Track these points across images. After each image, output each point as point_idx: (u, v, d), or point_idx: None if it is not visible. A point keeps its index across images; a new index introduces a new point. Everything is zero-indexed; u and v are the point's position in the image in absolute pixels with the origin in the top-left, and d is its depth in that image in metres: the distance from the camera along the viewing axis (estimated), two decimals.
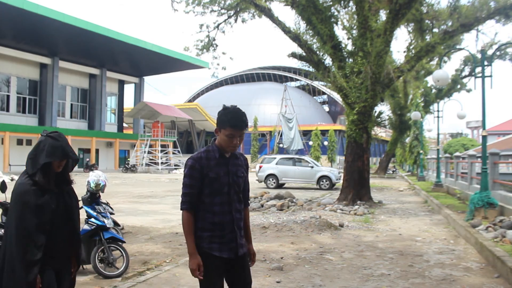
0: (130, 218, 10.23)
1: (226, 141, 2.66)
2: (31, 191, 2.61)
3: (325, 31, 13.22)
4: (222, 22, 16.05)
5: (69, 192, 2.84)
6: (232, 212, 2.69)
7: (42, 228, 2.57)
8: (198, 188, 2.65)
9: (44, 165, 2.63)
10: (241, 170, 2.79)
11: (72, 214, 2.80)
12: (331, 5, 14.06)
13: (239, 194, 2.76)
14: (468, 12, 12.97)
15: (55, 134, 2.71)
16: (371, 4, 13.33)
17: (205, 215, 2.67)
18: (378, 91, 13.35)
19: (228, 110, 2.70)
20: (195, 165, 2.65)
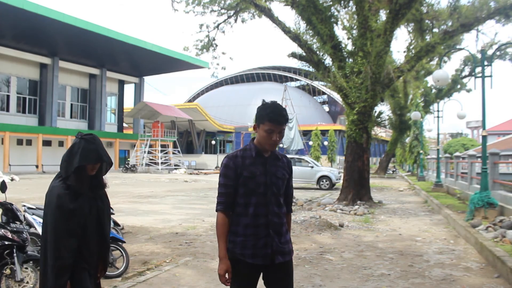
0: (130, 218, 10.22)
1: (265, 137, 2.50)
2: (64, 195, 2.54)
3: (325, 31, 13.22)
4: (222, 22, 16.06)
5: (102, 196, 2.77)
6: (268, 215, 2.50)
7: (74, 233, 2.52)
8: (233, 188, 2.51)
9: (77, 168, 2.56)
10: (281, 171, 2.60)
11: (103, 219, 2.74)
12: (331, 5, 14.06)
13: (278, 196, 2.56)
14: (468, 12, 12.97)
15: (89, 136, 2.66)
16: (371, 4, 13.33)
17: (239, 218, 2.51)
18: (378, 91, 13.35)
19: (267, 105, 2.54)
20: (229, 163, 2.54)
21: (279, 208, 2.56)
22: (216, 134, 66.09)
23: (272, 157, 2.59)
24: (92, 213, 2.64)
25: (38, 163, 38.00)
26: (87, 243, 2.60)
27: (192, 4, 15.04)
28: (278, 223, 2.54)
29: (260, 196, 2.49)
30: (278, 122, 2.47)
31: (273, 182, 2.53)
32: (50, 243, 2.49)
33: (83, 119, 45.97)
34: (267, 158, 2.56)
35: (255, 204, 2.49)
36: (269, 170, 2.54)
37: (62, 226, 2.49)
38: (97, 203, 2.69)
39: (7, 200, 4.72)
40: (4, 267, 4.34)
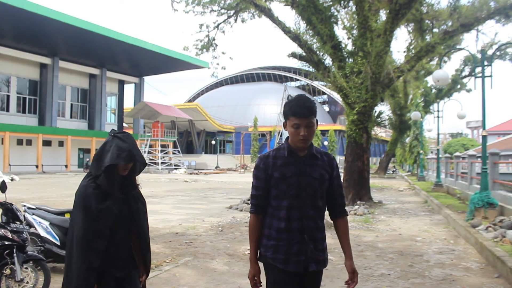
0: None
1: (293, 133, 2.34)
2: (93, 194, 2.42)
3: (325, 31, 13.22)
4: (222, 22, 16.06)
5: (135, 196, 2.63)
6: (302, 219, 2.32)
7: (102, 234, 2.40)
8: (264, 190, 2.38)
9: (108, 167, 2.41)
10: (319, 171, 2.38)
11: (138, 220, 2.59)
12: (331, 5, 14.07)
13: (314, 199, 2.36)
14: (468, 12, 12.97)
15: (122, 134, 2.48)
16: (371, 4, 13.33)
17: (272, 221, 2.38)
18: (378, 91, 13.35)
19: (290, 99, 2.38)
20: (259, 164, 2.41)
21: (316, 212, 2.37)
22: (216, 134, 66.11)
23: (309, 156, 2.40)
24: (123, 214, 2.50)
25: (38, 163, 38.00)
26: (115, 245, 2.47)
27: (192, 4, 15.04)
28: (314, 227, 2.37)
29: (293, 199, 2.33)
30: (302, 115, 2.30)
31: (308, 184, 2.34)
32: (76, 243, 2.40)
33: (83, 119, 45.98)
34: (302, 157, 2.38)
35: (287, 207, 2.34)
36: (304, 171, 2.36)
37: (89, 226, 2.39)
38: (129, 204, 2.56)
39: (7, 200, 4.72)
40: (4, 267, 4.33)
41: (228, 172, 44.48)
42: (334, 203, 2.49)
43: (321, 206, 2.41)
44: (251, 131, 64.00)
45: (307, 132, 2.32)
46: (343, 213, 2.52)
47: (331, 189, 2.45)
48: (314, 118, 2.35)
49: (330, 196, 2.47)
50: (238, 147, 65.62)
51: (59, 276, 5.53)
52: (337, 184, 2.49)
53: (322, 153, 2.47)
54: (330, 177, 2.43)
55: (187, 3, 15.06)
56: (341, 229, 2.50)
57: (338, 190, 2.49)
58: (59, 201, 13.27)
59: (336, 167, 2.48)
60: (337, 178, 2.49)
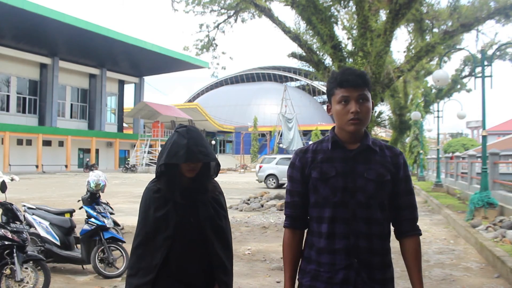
0: (130, 218, 10.22)
1: (340, 112, 1.73)
2: (151, 199, 2.10)
3: (325, 31, 13.22)
4: (222, 22, 16.05)
5: (208, 202, 2.14)
6: (349, 235, 1.71)
7: (158, 245, 2.04)
8: (300, 195, 1.83)
9: (168, 168, 2.06)
10: (377, 170, 1.75)
11: (206, 231, 2.08)
12: (331, 5, 14.07)
13: (369, 208, 1.73)
14: (468, 12, 12.98)
15: (182, 129, 2.10)
16: (371, 4, 13.34)
17: (312, 238, 1.80)
18: (378, 91, 13.35)
19: (336, 72, 1.84)
20: (295, 161, 1.85)
21: (370, 227, 1.73)
22: (216, 134, 66.14)
23: (363, 149, 1.77)
24: (188, 223, 2.07)
25: (38, 163, 38.00)
26: (178, 259, 2.05)
27: (192, 4, 15.03)
28: (368, 249, 1.73)
29: (338, 208, 1.73)
30: (352, 83, 1.71)
31: (358, 187, 1.72)
32: (131, 254, 2.11)
33: (83, 119, 45.99)
34: (352, 151, 1.77)
35: (329, 218, 1.73)
36: (353, 169, 1.74)
37: (145, 236, 2.06)
38: (198, 211, 2.10)
39: (7, 200, 4.72)
40: (4, 267, 4.34)
41: (228, 172, 44.48)
42: (400, 217, 1.85)
43: (380, 219, 1.76)
44: (251, 131, 64.02)
45: (361, 108, 1.71)
46: (413, 231, 1.90)
47: (395, 197, 1.80)
48: (368, 92, 1.76)
49: (394, 207, 1.82)
50: (238, 147, 65.60)
51: (59, 276, 5.53)
52: (405, 189, 1.81)
53: (383, 146, 1.83)
54: (393, 179, 1.78)
55: (187, 3, 15.05)
56: (409, 253, 1.92)
57: (406, 198, 1.83)
58: (59, 201, 13.26)
59: (404, 165, 1.81)
60: (406, 182, 1.81)
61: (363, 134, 1.79)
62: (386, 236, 1.80)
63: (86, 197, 5.81)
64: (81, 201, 5.89)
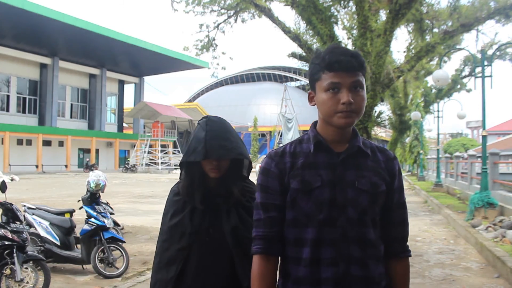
0: (130, 218, 10.23)
1: (327, 102, 1.35)
2: (171, 202, 1.83)
3: (325, 31, 13.23)
4: (222, 22, 16.06)
5: (232, 210, 1.76)
6: (338, 261, 1.35)
7: (173, 257, 1.75)
8: (279, 209, 1.43)
9: (188, 167, 1.75)
10: (370, 178, 1.40)
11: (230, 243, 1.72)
12: (331, 5, 14.08)
13: (363, 226, 1.38)
14: (468, 12, 12.98)
15: (202, 120, 1.77)
16: (371, 4, 13.34)
17: (287, 266, 1.42)
18: (378, 91, 13.35)
19: (322, 50, 1.41)
20: (269, 167, 1.46)
21: (364, 249, 1.38)
22: None
23: (352, 152, 1.42)
24: (204, 234, 1.73)
25: (38, 163, 38.00)
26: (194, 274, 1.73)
27: (192, 4, 15.04)
28: (363, 278, 1.36)
29: (324, 227, 1.37)
30: (346, 66, 1.33)
31: (350, 200, 1.37)
32: (153, 263, 1.87)
33: (83, 119, 46.00)
34: (339, 154, 1.41)
35: (313, 241, 1.37)
36: (342, 177, 1.39)
37: (162, 244, 1.81)
38: (219, 221, 1.75)
39: (7, 200, 4.72)
40: (4, 267, 4.34)
41: None
42: (390, 235, 1.47)
43: (374, 239, 1.41)
44: (251, 131, 64.03)
45: (354, 98, 1.34)
46: (403, 252, 1.49)
47: (387, 211, 1.46)
48: (363, 77, 1.38)
49: (385, 222, 1.46)
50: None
51: (59, 276, 5.53)
52: (398, 202, 1.48)
53: (375, 148, 1.48)
54: (388, 189, 1.44)
55: (187, 3, 15.06)
56: (398, 278, 1.48)
57: (398, 213, 1.48)
58: (59, 201, 13.27)
59: (398, 172, 1.48)
60: (399, 193, 1.48)
61: (352, 132, 1.44)
62: (382, 260, 1.44)
63: (86, 197, 5.81)
64: (81, 201, 5.89)
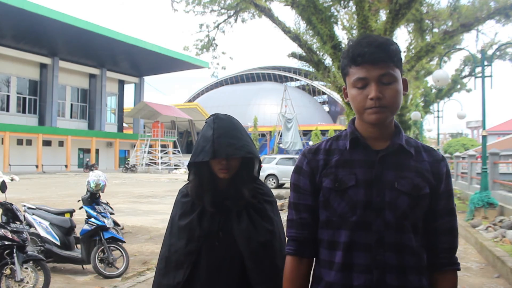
0: (130, 218, 10.23)
1: (355, 98, 1.28)
2: (179, 203, 1.76)
3: (325, 31, 13.23)
4: (222, 22, 16.07)
5: (243, 213, 1.67)
6: (372, 268, 1.25)
7: (180, 261, 1.68)
8: (311, 210, 1.36)
9: (197, 168, 1.68)
10: (412, 179, 1.28)
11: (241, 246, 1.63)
12: (331, 5, 14.08)
13: (401, 231, 1.26)
14: (468, 12, 12.98)
15: (210, 118, 1.70)
16: (371, 4, 13.34)
17: (320, 270, 1.35)
18: None
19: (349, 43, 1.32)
20: (301, 165, 1.39)
21: (402, 257, 1.26)
22: None
23: (393, 150, 1.31)
24: (213, 238, 1.66)
25: (38, 163, 38.00)
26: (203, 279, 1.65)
27: (192, 4, 15.05)
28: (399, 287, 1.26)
29: (358, 230, 1.27)
30: (370, 58, 1.23)
31: (387, 202, 1.26)
32: (156, 267, 1.80)
33: (83, 119, 46.00)
34: (378, 152, 1.31)
35: (346, 245, 1.28)
36: (380, 177, 1.28)
37: (167, 248, 1.75)
38: (229, 224, 1.66)
39: (7, 200, 4.72)
40: (4, 267, 4.34)
41: None
42: (435, 245, 1.33)
43: (415, 247, 1.28)
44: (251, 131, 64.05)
45: (383, 92, 1.24)
46: (449, 265, 1.34)
47: (432, 217, 1.32)
48: (396, 68, 1.26)
49: (429, 231, 1.33)
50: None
51: (59, 276, 5.53)
52: (446, 208, 1.33)
53: (420, 148, 1.35)
54: (433, 192, 1.31)
55: (187, 3, 15.06)
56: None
57: (445, 220, 1.33)
58: (59, 201, 13.27)
59: (446, 176, 1.34)
60: (447, 198, 1.34)
61: (394, 129, 1.33)
62: (424, 269, 1.31)
63: (86, 197, 5.81)
64: (81, 201, 5.89)
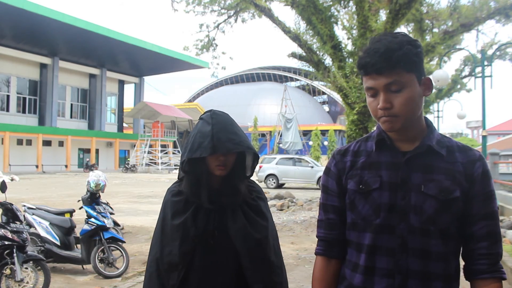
0: (130, 218, 10.23)
1: (369, 106, 1.26)
2: (169, 203, 1.69)
3: (325, 31, 13.24)
4: (222, 22, 16.08)
5: (238, 210, 1.65)
6: (394, 273, 1.22)
7: (174, 262, 1.62)
8: (338, 212, 1.36)
9: (191, 166, 1.62)
10: (440, 181, 1.23)
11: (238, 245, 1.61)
12: (331, 5, 14.09)
13: (428, 236, 1.22)
14: (468, 12, 12.99)
15: (206, 114, 1.71)
16: (371, 4, 13.34)
17: (345, 269, 1.35)
18: None
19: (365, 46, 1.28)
20: (330, 166, 1.40)
21: (427, 263, 1.22)
22: None
23: (420, 151, 1.26)
24: (209, 237, 1.62)
25: (38, 163, 38.00)
26: (198, 280, 1.61)
27: (192, 4, 15.05)
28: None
29: (381, 234, 1.25)
30: (374, 68, 1.19)
31: (412, 206, 1.23)
32: (145, 271, 1.72)
33: (83, 119, 46.00)
34: (406, 153, 1.27)
35: (369, 248, 1.26)
36: (407, 179, 1.24)
37: (158, 249, 1.66)
38: (225, 222, 1.63)
39: (7, 200, 4.72)
40: (4, 267, 4.34)
41: None
42: (473, 251, 1.25)
43: (443, 252, 1.23)
44: (251, 131, 64.06)
45: (392, 101, 1.21)
46: (489, 272, 1.23)
47: (467, 221, 1.25)
48: (406, 73, 1.19)
49: (466, 236, 1.26)
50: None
51: (59, 276, 5.53)
52: (484, 212, 1.24)
53: (454, 148, 1.29)
54: (465, 196, 1.24)
55: (188, 3, 15.07)
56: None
57: (483, 224, 1.24)
58: (59, 201, 13.27)
59: (483, 176, 1.25)
60: (485, 201, 1.25)
61: (424, 129, 1.28)
62: (452, 278, 1.25)
63: (86, 197, 5.82)
64: (81, 201, 5.89)
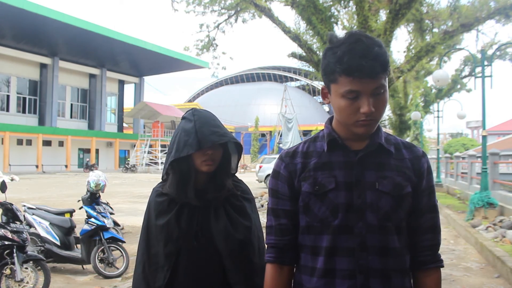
0: (130, 218, 10.22)
1: (344, 110, 1.20)
2: (153, 203, 1.68)
3: (325, 31, 13.23)
4: (222, 22, 16.07)
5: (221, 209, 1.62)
6: (356, 273, 1.21)
7: (160, 264, 1.60)
8: (290, 216, 1.32)
9: (177, 165, 1.60)
10: (393, 178, 1.24)
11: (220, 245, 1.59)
12: (331, 5, 14.09)
13: (386, 233, 1.22)
14: (468, 12, 12.98)
15: (188, 113, 1.66)
16: (371, 4, 13.34)
17: (300, 276, 1.31)
18: None
19: (336, 40, 1.21)
20: (279, 169, 1.36)
21: (386, 260, 1.22)
22: None
23: (372, 149, 1.27)
24: (192, 237, 1.59)
25: (38, 163, 37.99)
26: (183, 281, 1.59)
27: (192, 4, 15.04)
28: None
29: (339, 235, 1.23)
30: (368, 72, 1.15)
31: (369, 204, 1.22)
32: (133, 274, 1.69)
33: (83, 119, 45.99)
34: (358, 152, 1.26)
35: (328, 250, 1.24)
36: (361, 178, 1.24)
37: (144, 250, 1.66)
38: (207, 222, 1.60)
39: (7, 200, 4.72)
40: (4, 267, 4.34)
41: None
42: (418, 243, 1.29)
43: (399, 248, 1.25)
44: (252, 131, 64.06)
45: (376, 105, 1.18)
46: (433, 262, 1.30)
47: (414, 215, 1.28)
48: (385, 76, 1.18)
49: (412, 228, 1.29)
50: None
51: (59, 276, 5.53)
52: (428, 205, 1.29)
53: (400, 145, 1.31)
54: (415, 190, 1.27)
55: (188, 3, 15.06)
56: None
57: (428, 217, 1.30)
58: (59, 201, 13.27)
59: (427, 172, 1.30)
60: (429, 194, 1.30)
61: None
62: (407, 272, 1.28)
63: (86, 197, 5.81)
64: (81, 201, 5.89)
